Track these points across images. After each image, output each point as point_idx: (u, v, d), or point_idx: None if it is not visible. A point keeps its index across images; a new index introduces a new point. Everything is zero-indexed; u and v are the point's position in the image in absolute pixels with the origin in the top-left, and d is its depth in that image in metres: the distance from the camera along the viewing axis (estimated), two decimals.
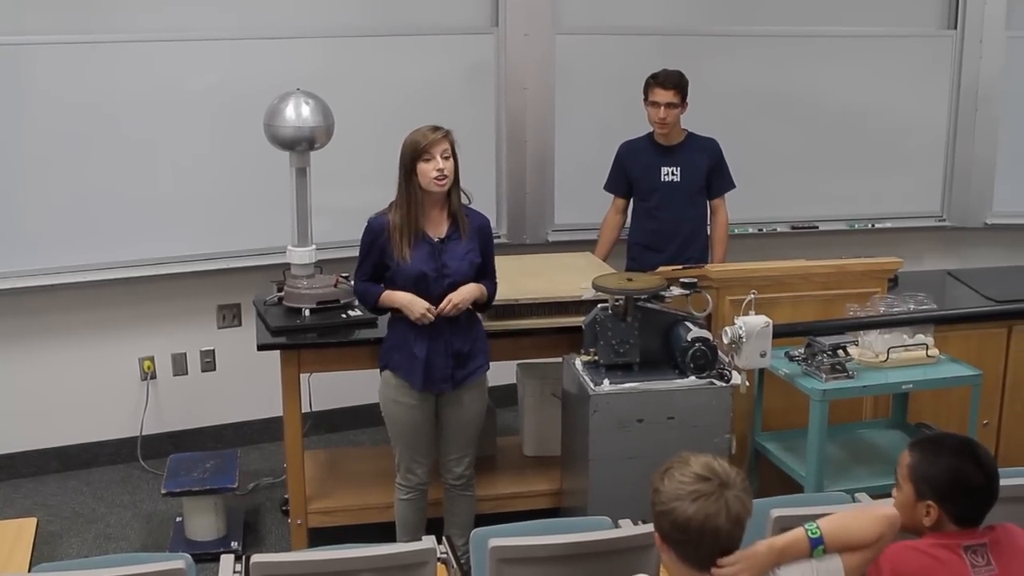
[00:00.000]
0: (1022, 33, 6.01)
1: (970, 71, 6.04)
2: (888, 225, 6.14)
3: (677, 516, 2.30)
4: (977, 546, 2.52)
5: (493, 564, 2.83)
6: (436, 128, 3.77)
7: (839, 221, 6.09)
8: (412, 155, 3.74)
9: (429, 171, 3.72)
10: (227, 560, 3.07)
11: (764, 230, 5.95)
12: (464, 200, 3.89)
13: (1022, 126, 6.07)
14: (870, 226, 6.12)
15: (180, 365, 5.33)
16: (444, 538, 3.22)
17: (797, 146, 5.95)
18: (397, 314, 3.90)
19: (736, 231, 5.59)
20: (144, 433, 5.25)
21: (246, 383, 5.26)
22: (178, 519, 4.62)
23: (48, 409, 5.12)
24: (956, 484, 2.53)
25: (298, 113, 4.23)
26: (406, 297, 3.82)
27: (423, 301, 3.80)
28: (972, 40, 6.01)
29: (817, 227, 6.03)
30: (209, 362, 5.37)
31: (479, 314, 4.04)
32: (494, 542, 2.83)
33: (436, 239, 3.85)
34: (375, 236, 3.85)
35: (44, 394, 5.10)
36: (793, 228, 6.01)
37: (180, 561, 2.76)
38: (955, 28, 6.04)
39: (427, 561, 2.85)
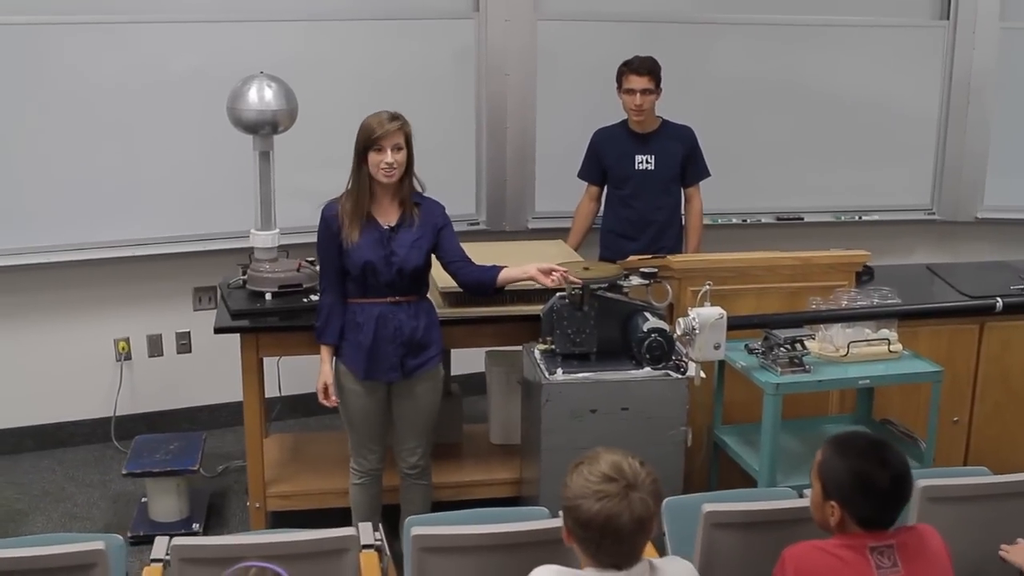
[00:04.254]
0: (1016, 24, 5.91)
1: (963, 62, 5.94)
2: (876, 218, 6.07)
3: (580, 513, 2.31)
4: (884, 547, 2.49)
5: (415, 553, 2.82)
6: (394, 117, 3.72)
7: (826, 213, 6.03)
8: (364, 142, 3.71)
9: (378, 162, 3.70)
10: (160, 542, 3.06)
11: (748, 220, 5.90)
12: (418, 188, 3.85)
13: (1014, 119, 5.97)
14: (857, 218, 6.04)
15: (156, 346, 5.34)
16: (378, 525, 3.21)
17: (784, 136, 5.88)
18: (349, 300, 3.87)
19: (720, 221, 5.56)
20: (118, 414, 5.27)
21: (221, 366, 5.17)
22: (143, 500, 4.64)
23: (23, 388, 5.15)
24: (858, 486, 2.49)
25: (261, 96, 4.20)
26: (324, 371, 3.93)
27: (325, 380, 3.91)
28: (965, 31, 5.91)
29: (802, 218, 5.97)
30: (185, 344, 5.39)
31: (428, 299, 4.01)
32: (416, 531, 2.82)
33: (386, 227, 3.81)
34: (328, 224, 3.81)
35: (20, 373, 5.13)
36: (778, 219, 5.94)
37: (100, 543, 2.77)
38: (948, 19, 5.94)
39: (348, 548, 2.83)
